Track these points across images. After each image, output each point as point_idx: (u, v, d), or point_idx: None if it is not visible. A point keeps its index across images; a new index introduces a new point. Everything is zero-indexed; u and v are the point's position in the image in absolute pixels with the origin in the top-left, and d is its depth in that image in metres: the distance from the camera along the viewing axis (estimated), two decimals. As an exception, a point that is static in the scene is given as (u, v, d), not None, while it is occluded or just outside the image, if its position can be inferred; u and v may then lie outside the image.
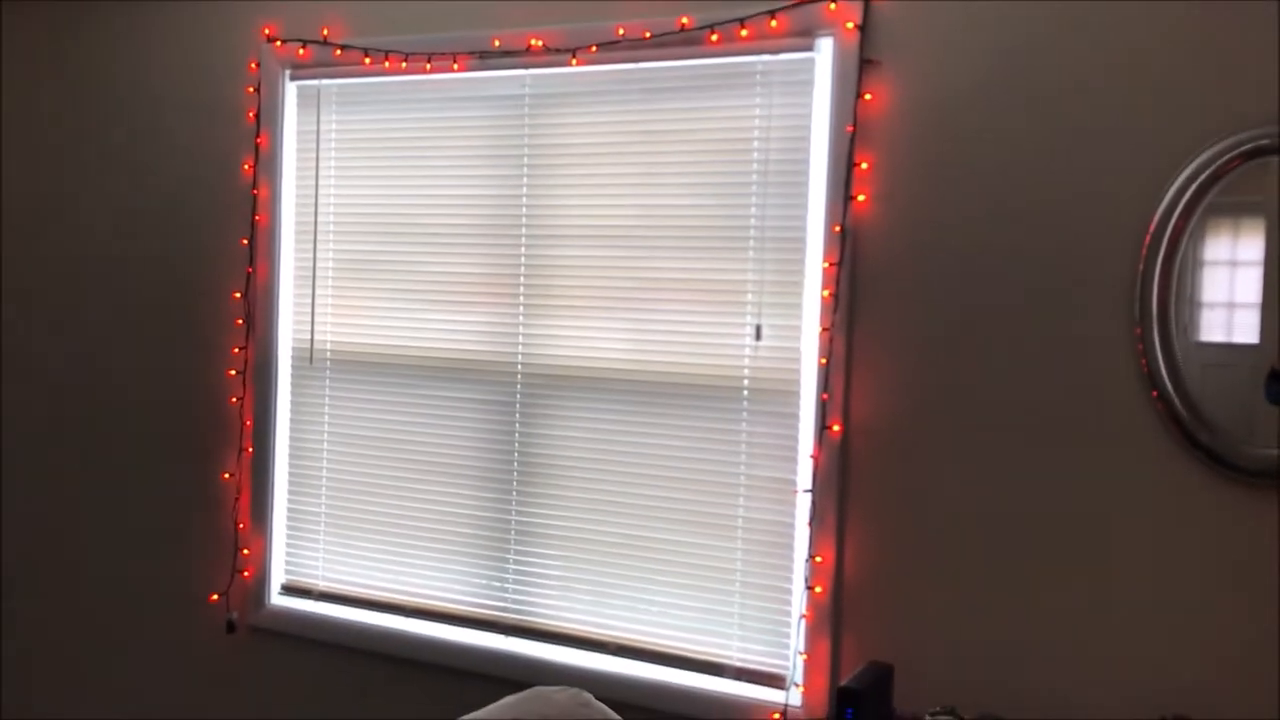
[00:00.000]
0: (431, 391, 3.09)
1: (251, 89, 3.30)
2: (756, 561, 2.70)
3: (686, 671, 2.76)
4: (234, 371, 3.34)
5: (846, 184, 2.56)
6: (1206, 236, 2.27)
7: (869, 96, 2.55)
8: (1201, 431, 2.26)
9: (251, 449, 3.32)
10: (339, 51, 3.15)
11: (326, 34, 3.17)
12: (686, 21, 2.70)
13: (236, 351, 3.34)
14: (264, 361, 3.30)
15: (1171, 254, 2.28)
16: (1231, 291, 2.25)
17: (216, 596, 3.36)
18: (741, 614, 2.71)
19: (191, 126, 3.42)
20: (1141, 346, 2.32)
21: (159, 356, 3.50)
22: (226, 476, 3.36)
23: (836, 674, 2.59)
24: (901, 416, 2.55)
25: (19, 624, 3.77)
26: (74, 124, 3.64)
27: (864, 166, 2.56)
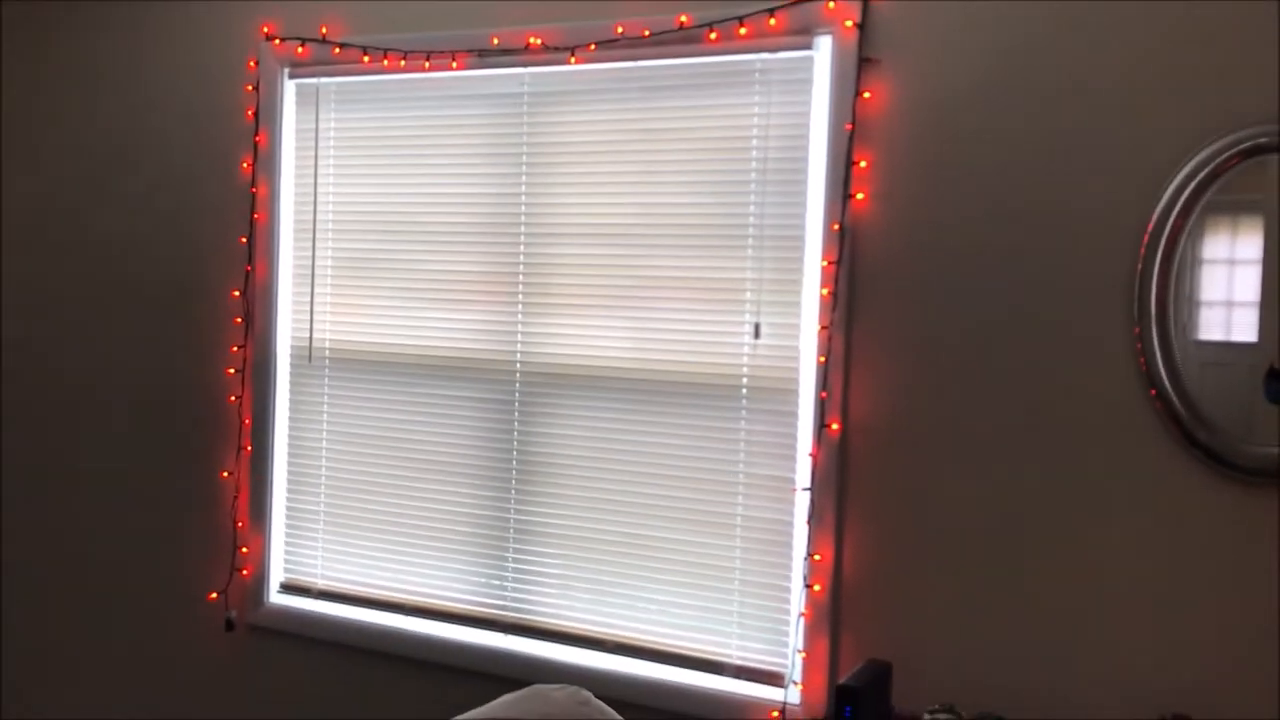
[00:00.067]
0: (430, 390, 3.09)
1: (250, 87, 3.30)
2: (755, 560, 2.70)
3: (685, 669, 2.76)
4: (233, 370, 3.34)
5: (845, 182, 2.56)
6: (1205, 235, 2.27)
7: (868, 95, 2.55)
8: (1200, 430, 2.27)
9: (250, 447, 3.32)
10: (338, 50, 3.15)
11: (325, 32, 3.17)
12: (685, 20, 2.70)
13: (235, 350, 3.34)
14: (263, 360, 3.30)
15: (1170, 252, 2.28)
16: (1230, 290, 2.25)
17: (215, 595, 3.36)
18: (740, 612, 2.72)
19: (190, 125, 3.42)
20: (1140, 345, 2.32)
21: (157, 355, 3.50)
22: (225, 475, 3.36)
23: (835, 672, 2.59)
24: (900, 415, 2.55)
25: (18, 623, 3.77)
26: (73, 122, 3.64)
27: (863, 165, 2.56)
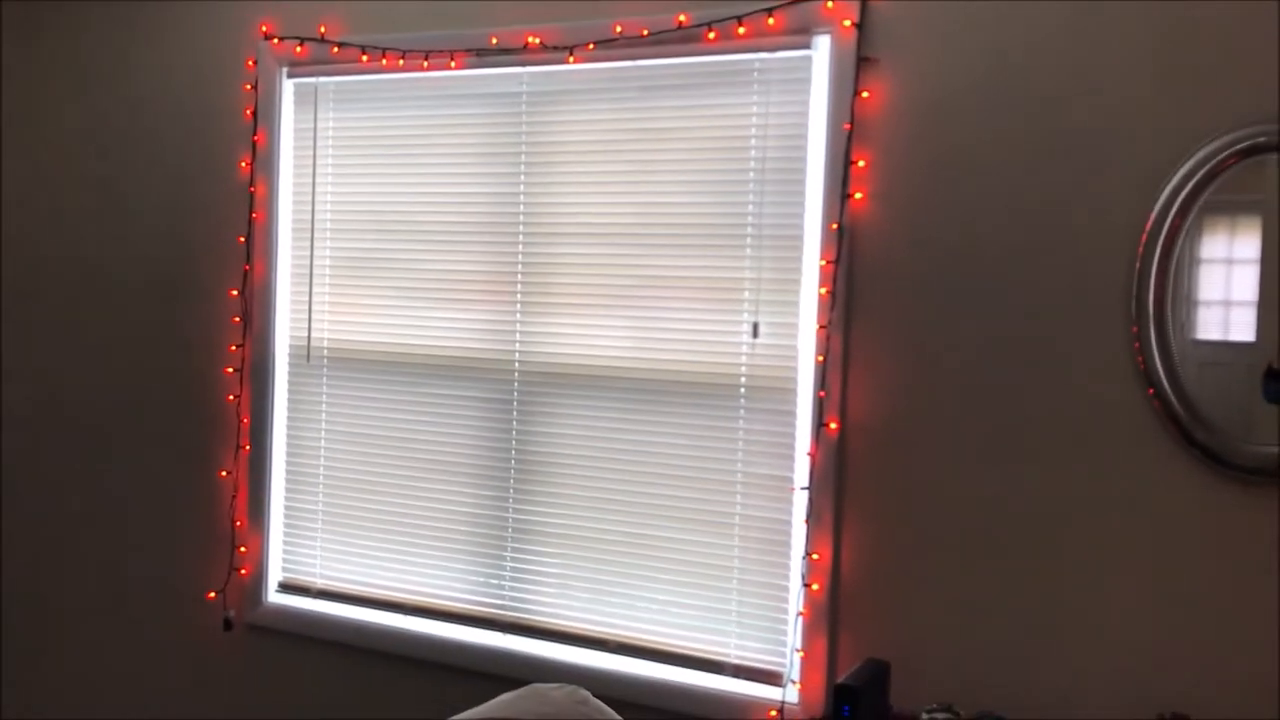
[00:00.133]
0: (429, 389, 3.09)
1: (249, 86, 3.29)
2: (754, 559, 2.70)
3: (684, 669, 2.76)
4: (231, 369, 3.34)
5: (844, 182, 2.56)
6: (1203, 234, 2.27)
7: (866, 94, 2.55)
8: (1198, 430, 2.27)
9: (249, 446, 3.32)
10: (336, 49, 3.15)
11: (324, 31, 3.17)
12: (684, 19, 2.70)
13: (234, 349, 3.33)
14: (261, 359, 3.30)
15: (1168, 252, 2.28)
16: (1228, 290, 2.25)
17: (214, 594, 3.36)
18: (739, 611, 2.72)
19: (189, 124, 3.42)
20: (1138, 345, 2.32)
21: (156, 354, 3.50)
22: (224, 474, 3.36)
23: (833, 671, 2.59)
24: (898, 414, 2.55)
25: (17, 623, 3.77)
26: (72, 122, 3.63)
27: (861, 164, 2.56)
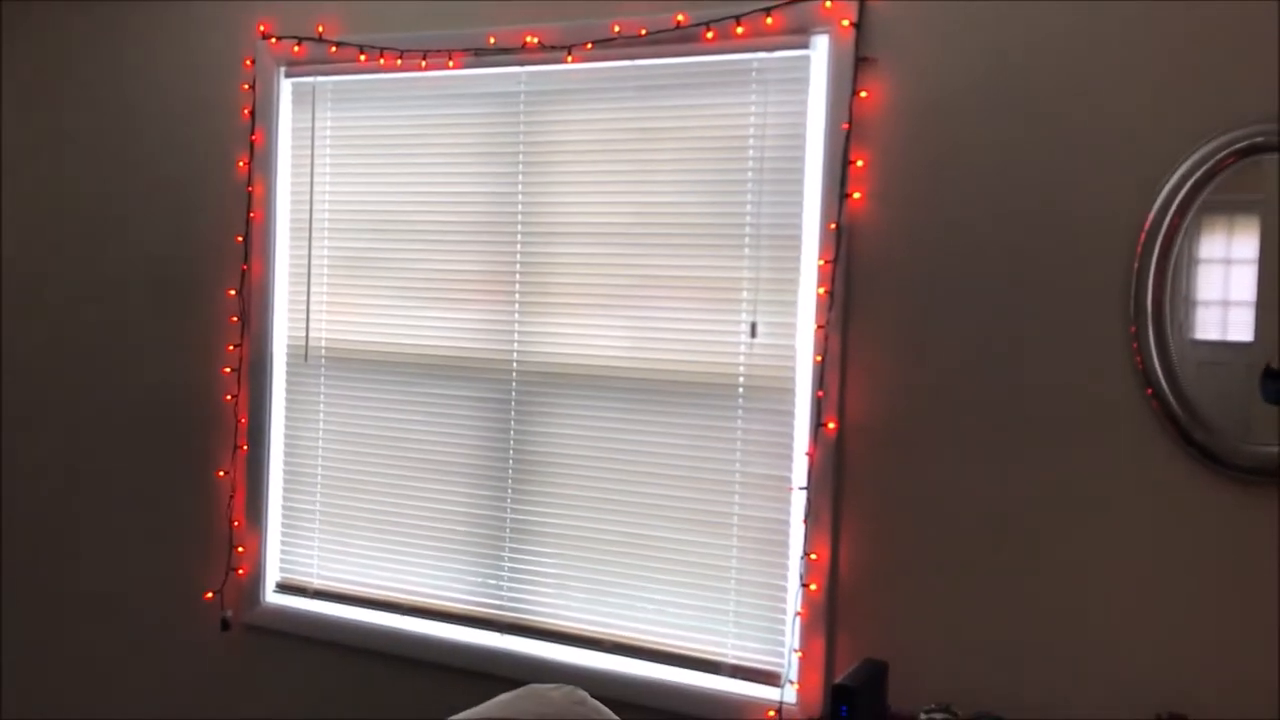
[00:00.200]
0: (427, 389, 3.09)
1: (246, 86, 3.29)
2: (752, 559, 2.70)
3: (682, 669, 2.76)
4: (229, 369, 3.33)
5: (842, 181, 2.56)
6: (1201, 234, 2.27)
7: (864, 94, 2.55)
8: (1197, 429, 2.27)
9: (246, 446, 3.31)
10: (334, 48, 3.14)
11: (321, 31, 3.16)
12: (682, 19, 2.70)
13: (231, 349, 3.33)
14: (259, 359, 3.29)
15: (1166, 252, 2.28)
16: (1226, 289, 2.25)
17: (211, 594, 3.36)
18: (737, 611, 2.71)
19: (186, 123, 3.42)
20: (1136, 344, 2.32)
21: (153, 353, 3.49)
22: (221, 474, 3.36)
23: (831, 671, 2.59)
24: (896, 414, 2.55)
25: (16, 623, 3.77)
26: (70, 121, 3.63)
27: (859, 164, 2.56)
